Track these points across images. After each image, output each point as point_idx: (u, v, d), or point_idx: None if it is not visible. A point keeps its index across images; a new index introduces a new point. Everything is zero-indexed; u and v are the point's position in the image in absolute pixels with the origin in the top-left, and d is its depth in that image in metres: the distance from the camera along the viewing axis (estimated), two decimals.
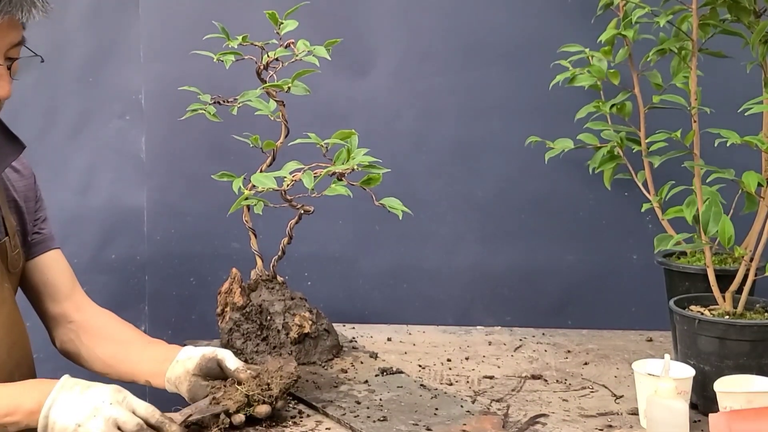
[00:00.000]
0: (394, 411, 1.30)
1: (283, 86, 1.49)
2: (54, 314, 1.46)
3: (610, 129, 1.68)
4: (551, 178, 1.84)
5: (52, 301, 1.45)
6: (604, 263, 1.86)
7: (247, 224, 1.59)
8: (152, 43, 1.94)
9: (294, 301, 1.57)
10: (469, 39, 1.84)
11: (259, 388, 1.23)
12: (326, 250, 1.93)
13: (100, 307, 1.50)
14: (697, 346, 1.28)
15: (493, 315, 1.87)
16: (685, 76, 1.50)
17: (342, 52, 1.58)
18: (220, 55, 1.50)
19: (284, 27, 1.51)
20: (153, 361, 1.37)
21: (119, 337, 1.45)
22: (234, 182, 1.46)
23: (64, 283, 1.46)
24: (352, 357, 1.59)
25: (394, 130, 1.88)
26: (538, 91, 1.77)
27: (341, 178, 1.43)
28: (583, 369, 1.54)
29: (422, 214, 1.82)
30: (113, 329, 1.46)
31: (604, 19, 1.64)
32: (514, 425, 1.26)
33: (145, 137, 1.97)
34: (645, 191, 1.63)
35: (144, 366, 1.37)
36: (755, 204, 1.41)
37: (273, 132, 1.57)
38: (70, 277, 1.48)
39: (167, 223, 1.98)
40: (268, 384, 1.24)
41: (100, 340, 1.44)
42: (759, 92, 1.41)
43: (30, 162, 1.45)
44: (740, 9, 1.40)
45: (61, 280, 1.46)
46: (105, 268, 1.98)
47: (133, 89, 1.96)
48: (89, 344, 1.44)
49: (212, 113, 1.53)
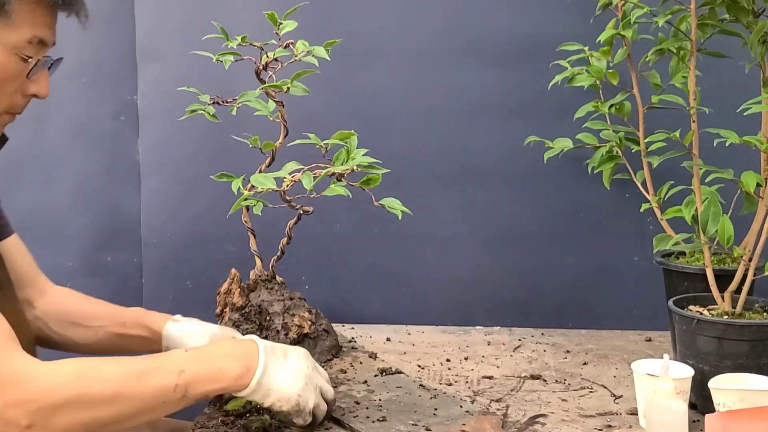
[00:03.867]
0: (393, 411, 1.30)
1: (282, 87, 1.49)
2: (20, 301, 1.37)
3: (609, 129, 1.68)
4: (550, 178, 1.84)
5: (16, 288, 1.34)
6: (603, 263, 1.86)
7: (246, 225, 1.59)
8: (147, 44, 1.94)
9: (293, 302, 1.57)
10: (467, 39, 1.84)
11: None
12: (325, 251, 1.93)
13: (60, 288, 1.46)
14: (696, 346, 1.28)
15: (493, 317, 1.87)
16: (684, 76, 1.50)
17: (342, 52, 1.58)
18: (219, 55, 1.50)
19: (283, 27, 1.51)
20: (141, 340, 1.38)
21: (92, 323, 1.41)
22: (233, 183, 1.46)
23: (26, 270, 1.40)
24: (351, 357, 1.59)
25: (393, 131, 1.88)
26: (537, 90, 1.77)
27: (340, 178, 1.43)
28: (583, 369, 1.54)
29: (421, 215, 1.81)
30: (80, 312, 1.42)
31: (603, 19, 1.64)
32: (514, 425, 1.26)
33: (140, 139, 1.97)
34: (644, 191, 1.63)
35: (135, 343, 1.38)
36: (754, 204, 1.41)
37: (270, 133, 1.57)
38: (30, 261, 1.42)
39: (163, 226, 1.98)
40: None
41: (70, 326, 1.40)
42: (758, 92, 1.41)
43: (25, 163, 1.44)
44: (739, 9, 1.40)
45: (23, 266, 1.39)
46: (101, 270, 1.98)
47: (128, 90, 1.96)
48: (62, 332, 1.40)
49: (211, 114, 1.52)
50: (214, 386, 1.09)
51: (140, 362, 1.06)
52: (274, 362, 1.12)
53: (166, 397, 1.05)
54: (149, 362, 1.07)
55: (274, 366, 1.12)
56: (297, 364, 1.15)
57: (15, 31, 1.12)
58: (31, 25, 1.13)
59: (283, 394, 1.11)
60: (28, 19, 1.12)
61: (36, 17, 1.14)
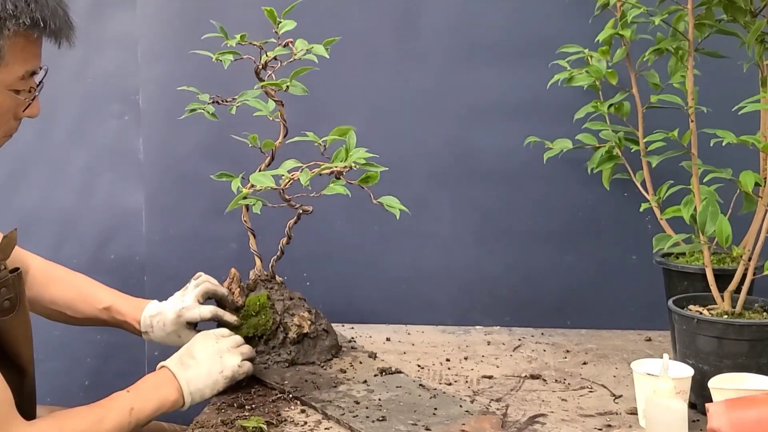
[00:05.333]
0: (393, 411, 1.30)
1: (281, 85, 1.49)
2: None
3: (609, 129, 1.68)
4: (550, 178, 1.84)
5: None
6: (602, 263, 1.86)
7: (246, 224, 1.59)
8: (149, 43, 1.95)
9: (293, 301, 1.56)
10: (467, 39, 1.84)
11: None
12: (325, 251, 1.93)
13: (39, 265, 1.53)
14: (695, 345, 1.28)
15: (492, 316, 1.87)
16: (682, 76, 1.50)
17: (341, 51, 1.58)
18: (218, 54, 1.50)
19: (283, 26, 1.51)
20: (123, 298, 1.53)
21: (78, 311, 1.52)
22: (233, 182, 1.47)
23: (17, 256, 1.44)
24: (351, 357, 1.59)
25: (392, 131, 1.88)
26: (536, 91, 1.77)
27: (339, 176, 1.43)
28: (582, 369, 1.54)
29: (421, 214, 1.82)
30: (65, 302, 1.52)
31: (602, 19, 1.64)
32: (513, 425, 1.26)
33: (142, 137, 1.97)
34: (643, 191, 1.63)
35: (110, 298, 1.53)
36: (753, 203, 1.41)
37: (270, 133, 1.57)
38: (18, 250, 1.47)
39: (165, 224, 1.98)
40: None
41: (59, 314, 1.50)
42: (756, 91, 1.41)
43: (28, 162, 1.45)
44: (736, 9, 1.40)
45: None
46: (104, 268, 1.98)
47: (130, 89, 1.96)
48: (54, 317, 1.51)
49: (211, 113, 1.53)
50: (158, 413, 1.29)
51: (97, 410, 1.23)
52: (189, 372, 1.32)
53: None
54: (102, 409, 1.24)
55: (191, 374, 1.32)
56: (203, 353, 1.35)
57: (7, 71, 1.15)
58: (23, 62, 1.16)
59: (212, 384, 1.33)
60: (19, 57, 1.15)
61: (26, 53, 1.16)
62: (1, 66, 1.13)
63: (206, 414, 1.31)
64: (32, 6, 1.12)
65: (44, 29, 1.15)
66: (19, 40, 1.13)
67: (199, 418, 1.29)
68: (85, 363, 2.02)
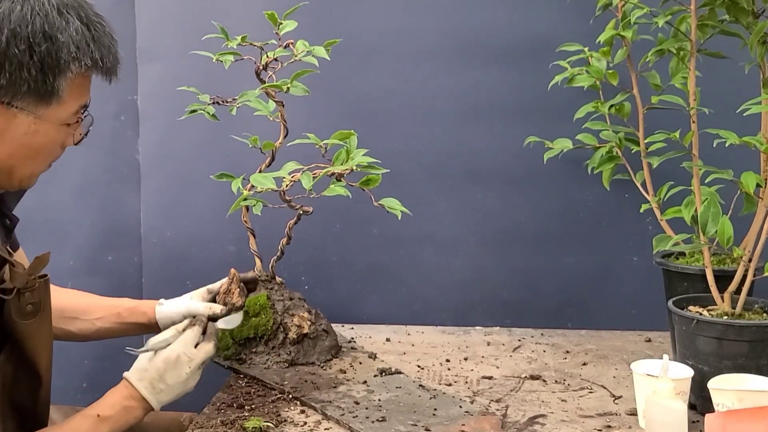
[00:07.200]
0: (392, 411, 1.30)
1: (282, 87, 1.49)
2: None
3: (609, 129, 1.68)
4: (550, 179, 1.84)
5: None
6: (602, 264, 1.86)
7: (246, 225, 1.59)
8: (147, 44, 1.94)
9: (293, 302, 1.56)
10: (467, 39, 1.84)
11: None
12: (325, 252, 1.93)
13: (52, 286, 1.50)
14: (695, 346, 1.28)
15: (492, 317, 1.87)
16: (684, 77, 1.50)
17: (342, 52, 1.58)
18: (219, 55, 1.49)
19: (283, 27, 1.51)
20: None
21: (89, 316, 1.46)
22: (233, 183, 1.46)
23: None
24: (350, 357, 1.59)
25: (393, 131, 1.88)
26: (537, 91, 1.77)
27: (340, 178, 1.43)
28: (582, 369, 1.54)
29: (421, 215, 1.82)
30: (76, 307, 1.47)
31: (603, 20, 1.64)
32: (513, 425, 1.26)
33: (140, 138, 1.97)
34: (644, 192, 1.63)
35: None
36: (754, 204, 1.41)
37: (270, 133, 1.56)
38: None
39: (163, 225, 1.98)
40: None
41: (68, 320, 1.45)
42: (757, 93, 1.41)
43: None
44: (738, 10, 1.40)
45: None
46: (102, 270, 1.98)
47: (128, 90, 1.96)
48: (62, 326, 1.44)
49: (211, 113, 1.52)
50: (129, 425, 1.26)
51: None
52: (161, 395, 1.26)
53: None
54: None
55: (162, 397, 1.26)
56: (174, 379, 1.26)
57: (63, 108, 1.17)
58: (78, 97, 1.19)
59: (181, 393, 1.27)
60: (75, 93, 1.17)
61: (81, 90, 1.19)
62: (59, 104, 1.15)
63: (206, 414, 1.31)
64: (92, 46, 1.14)
65: (102, 68, 1.18)
66: (77, 80, 1.16)
67: (199, 418, 1.29)
68: (83, 365, 2.01)
